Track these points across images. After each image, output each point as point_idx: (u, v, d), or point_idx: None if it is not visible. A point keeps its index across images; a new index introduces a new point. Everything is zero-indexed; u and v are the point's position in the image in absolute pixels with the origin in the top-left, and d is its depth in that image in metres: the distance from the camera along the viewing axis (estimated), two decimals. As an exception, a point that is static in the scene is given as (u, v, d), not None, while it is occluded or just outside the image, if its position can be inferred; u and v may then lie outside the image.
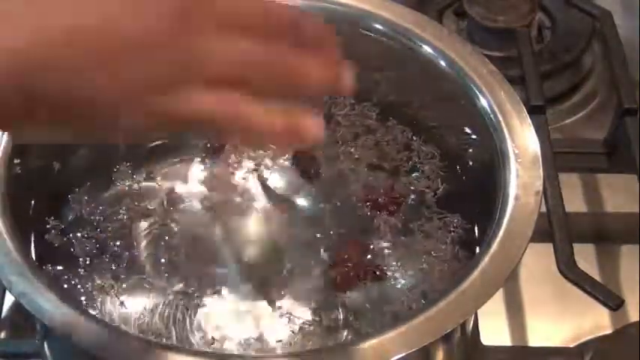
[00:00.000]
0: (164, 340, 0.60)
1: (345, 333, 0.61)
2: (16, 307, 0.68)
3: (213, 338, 0.61)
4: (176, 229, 0.66)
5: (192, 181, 0.69)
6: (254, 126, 0.46)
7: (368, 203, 0.67)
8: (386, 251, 0.65)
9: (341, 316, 0.62)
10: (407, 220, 0.67)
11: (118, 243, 0.65)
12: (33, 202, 0.65)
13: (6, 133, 0.62)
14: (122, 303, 0.62)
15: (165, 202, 0.68)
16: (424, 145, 0.70)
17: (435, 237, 0.66)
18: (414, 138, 0.70)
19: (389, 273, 0.64)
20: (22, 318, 0.68)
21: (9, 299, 0.67)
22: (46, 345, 0.62)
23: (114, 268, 0.64)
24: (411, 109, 0.71)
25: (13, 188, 0.61)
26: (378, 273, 0.64)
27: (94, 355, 0.53)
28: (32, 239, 0.64)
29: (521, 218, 0.59)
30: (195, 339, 0.61)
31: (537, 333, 0.71)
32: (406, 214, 0.67)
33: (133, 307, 0.62)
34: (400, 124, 0.71)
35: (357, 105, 0.72)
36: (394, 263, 0.65)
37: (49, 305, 0.55)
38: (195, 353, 0.57)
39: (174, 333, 0.61)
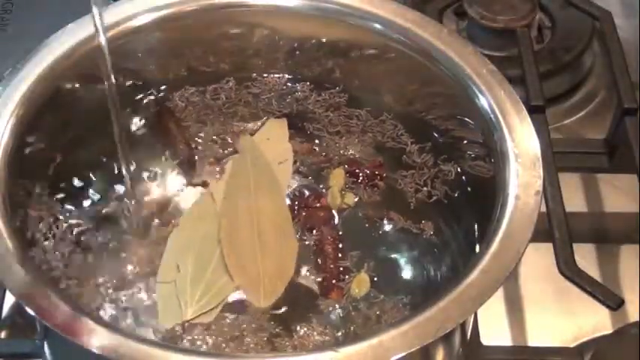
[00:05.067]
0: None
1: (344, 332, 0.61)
2: (16, 307, 0.68)
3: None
4: (177, 229, 0.66)
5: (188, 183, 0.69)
6: None
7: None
8: (384, 250, 0.65)
9: (340, 316, 0.62)
10: (406, 219, 0.67)
11: (118, 243, 0.65)
12: (33, 201, 0.65)
13: (6, 132, 0.62)
14: (123, 303, 0.62)
15: (165, 203, 0.68)
16: (423, 145, 0.70)
17: (435, 236, 0.66)
18: (412, 138, 0.70)
19: (387, 272, 0.64)
20: (22, 318, 0.68)
21: (9, 299, 0.67)
22: (46, 345, 0.62)
23: (115, 268, 0.64)
24: (411, 108, 0.71)
25: (13, 188, 0.61)
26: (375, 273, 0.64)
27: (95, 356, 0.53)
28: (32, 239, 0.64)
29: (521, 218, 0.59)
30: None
31: (537, 333, 0.71)
32: (405, 214, 0.67)
33: (134, 307, 0.62)
34: (399, 123, 0.71)
35: (352, 104, 0.72)
36: (392, 262, 0.65)
37: (49, 305, 0.55)
38: (195, 353, 0.57)
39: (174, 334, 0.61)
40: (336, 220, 0.67)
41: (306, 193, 0.68)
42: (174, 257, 0.64)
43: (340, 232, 0.66)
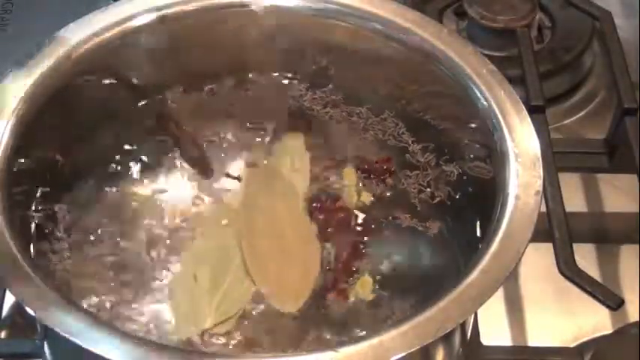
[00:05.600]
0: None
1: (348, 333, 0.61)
2: (16, 307, 0.68)
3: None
4: (177, 230, 0.66)
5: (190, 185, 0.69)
6: None
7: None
8: (385, 251, 0.65)
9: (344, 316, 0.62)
10: (406, 219, 0.67)
11: (118, 242, 0.65)
12: (34, 201, 0.65)
13: (7, 131, 0.62)
14: (122, 302, 0.62)
15: (165, 203, 0.68)
16: (423, 145, 0.70)
17: (435, 236, 0.66)
18: (413, 137, 0.70)
19: (387, 273, 0.64)
20: (22, 318, 0.68)
21: (9, 299, 0.67)
22: (46, 345, 0.62)
23: (115, 267, 0.64)
24: (410, 108, 0.71)
25: (13, 187, 0.61)
26: (376, 273, 0.64)
27: (95, 356, 0.53)
28: (32, 238, 0.64)
29: (521, 218, 0.59)
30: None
31: (537, 333, 0.71)
32: (405, 214, 0.67)
33: (134, 306, 0.62)
34: (399, 123, 0.71)
35: (353, 103, 0.72)
36: (392, 262, 0.65)
37: (48, 305, 0.54)
38: (195, 353, 0.57)
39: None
40: (358, 220, 0.66)
41: (322, 195, 0.68)
42: (189, 268, 0.64)
43: (361, 233, 0.66)
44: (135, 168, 0.69)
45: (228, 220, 0.66)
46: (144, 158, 0.69)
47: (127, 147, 0.70)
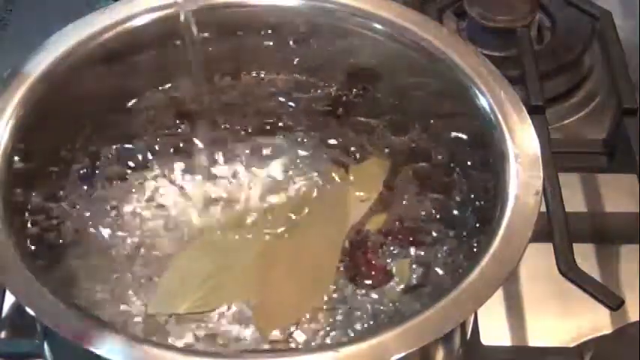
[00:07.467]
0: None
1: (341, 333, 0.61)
2: (16, 307, 0.68)
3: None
4: (175, 228, 0.66)
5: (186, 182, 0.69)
6: None
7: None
8: (385, 252, 0.65)
9: (338, 316, 0.62)
10: (405, 220, 0.67)
11: (116, 242, 0.65)
12: (33, 201, 0.65)
13: (6, 133, 0.62)
14: (122, 301, 0.62)
15: (162, 202, 0.68)
16: (423, 145, 0.70)
17: (435, 237, 0.66)
18: (414, 137, 0.70)
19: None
20: (22, 318, 0.68)
21: (9, 299, 0.67)
22: (46, 345, 0.62)
23: (113, 267, 0.64)
24: (410, 108, 0.71)
25: (12, 188, 0.61)
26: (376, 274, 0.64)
27: (95, 355, 0.53)
28: (32, 238, 0.64)
29: (521, 218, 0.59)
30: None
31: (537, 333, 0.71)
32: (404, 215, 0.67)
33: (133, 306, 0.62)
34: (399, 123, 0.71)
35: (354, 104, 0.72)
36: (392, 263, 0.65)
37: (49, 305, 0.55)
38: (195, 353, 0.57)
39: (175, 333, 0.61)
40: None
41: (369, 243, 0.65)
42: (198, 252, 0.64)
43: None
44: (139, 164, 0.69)
45: (270, 221, 0.66)
46: (147, 155, 0.69)
47: (128, 146, 0.70)
